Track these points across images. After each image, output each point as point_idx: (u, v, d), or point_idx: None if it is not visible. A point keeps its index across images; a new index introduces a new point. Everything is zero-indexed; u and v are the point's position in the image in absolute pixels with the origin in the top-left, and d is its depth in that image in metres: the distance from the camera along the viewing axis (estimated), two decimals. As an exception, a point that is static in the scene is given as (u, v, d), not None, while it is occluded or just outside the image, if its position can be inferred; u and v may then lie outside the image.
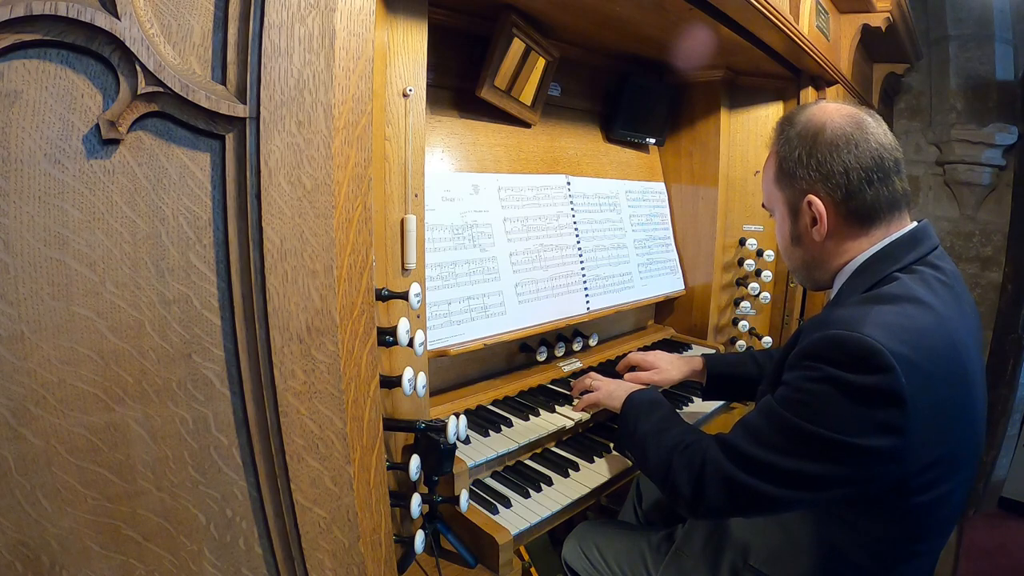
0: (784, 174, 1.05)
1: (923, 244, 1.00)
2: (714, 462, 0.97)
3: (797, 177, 1.02)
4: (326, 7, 0.71)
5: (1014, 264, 3.22)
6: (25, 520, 0.66)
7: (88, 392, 0.67)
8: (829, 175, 0.98)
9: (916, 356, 0.83)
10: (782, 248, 1.14)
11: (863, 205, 0.98)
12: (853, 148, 0.97)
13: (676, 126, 2.19)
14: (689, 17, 1.45)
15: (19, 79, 0.60)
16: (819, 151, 0.99)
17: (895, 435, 0.83)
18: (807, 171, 1.00)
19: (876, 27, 2.23)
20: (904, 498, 0.89)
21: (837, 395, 0.85)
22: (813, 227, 1.02)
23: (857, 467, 0.86)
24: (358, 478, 0.82)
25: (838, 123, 0.99)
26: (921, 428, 0.83)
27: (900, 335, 0.84)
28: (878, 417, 0.83)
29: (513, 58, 1.50)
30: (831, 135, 0.99)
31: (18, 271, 0.62)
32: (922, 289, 0.92)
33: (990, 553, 2.61)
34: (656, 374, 1.59)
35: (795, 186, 1.03)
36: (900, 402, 0.82)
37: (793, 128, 1.04)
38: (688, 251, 2.21)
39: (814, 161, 0.99)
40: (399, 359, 1.10)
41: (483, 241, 1.52)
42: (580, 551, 1.48)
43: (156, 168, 0.68)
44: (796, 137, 1.03)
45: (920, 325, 0.87)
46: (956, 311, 0.93)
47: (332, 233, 0.74)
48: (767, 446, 0.92)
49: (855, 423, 0.84)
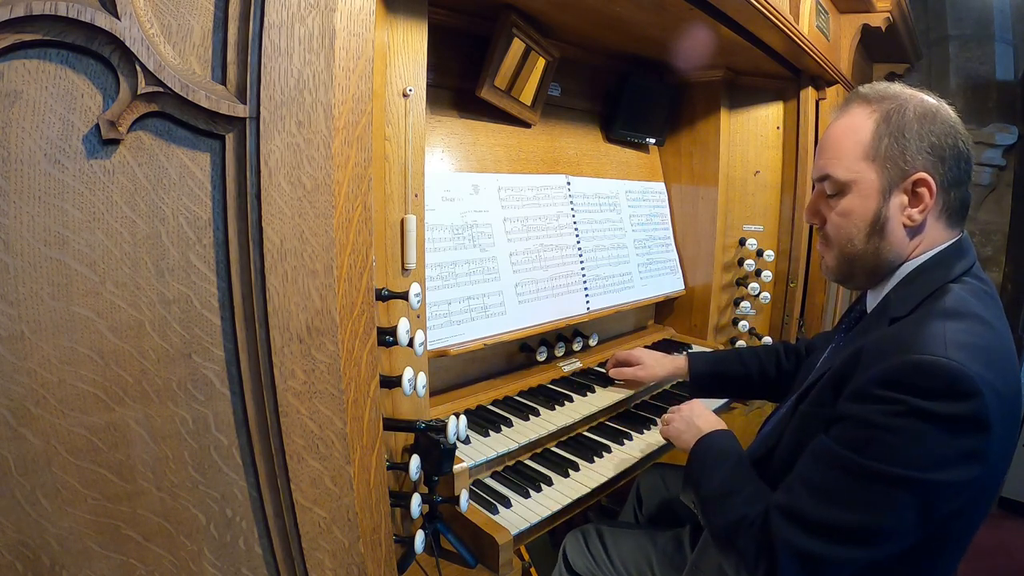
0: (891, 144, 0.92)
1: (968, 255, 0.96)
2: (780, 535, 0.86)
3: (909, 151, 0.91)
4: (326, 7, 0.71)
5: (1014, 264, 3.22)
6: (25, 520, 0.66)
7: (88, 392, 0.67)
8: (945, 157, 0.91)
9: (993, 378, 0.78)
10: (849, 229, 0.98)
11: (960, 198, 0.93)
12: (961, 138, 0.92)
13: (676, 126, 2.19)
14: (689, 17, 1.45)
15: (19, 79, 0.60)
16: (937, 129, 0.91)
17: (979, 463, 0.78)
18: (923, 145, 0.91)
19: (876, 27, 2.23)
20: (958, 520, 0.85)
21: (925, 428, 0.77)
22: (912, 210, 0.93)
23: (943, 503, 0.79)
24: (358, 478, 0.82)
25: (947, 108, 0.93)
26: (996, 450, 0.80)
27: (978, 356, 0.79)
28: (966, 446, 0.77)
29: (513, 58, 1.50)
30: (945, 118, 0.92)
31: (18, 271, 0.62)
32: (978, 304, 0.88)
33: (990, 553, 2.61)
34: (641, 370, 1.61)
35: (904, 159, 0.92)
36: (986, 427, 0.77)
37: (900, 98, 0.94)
38: (688, 251, 2.21)
39: (933, 138, 0.90)
40: (399, 359, 1.10)
41: (483, 241, 1.52)
42: (583, 547, 1.48)
43: (156, 168, 0.68)
44: (911, 108, 0.92)
45: (989, 344, 0.83)
46: (1003, 324, 0.90)
47: (332, 233, 0.74)
48: (842, 504, 0.82)
49: (945, 457, 0.77)
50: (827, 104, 2.09)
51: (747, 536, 0.92)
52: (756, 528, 0.91)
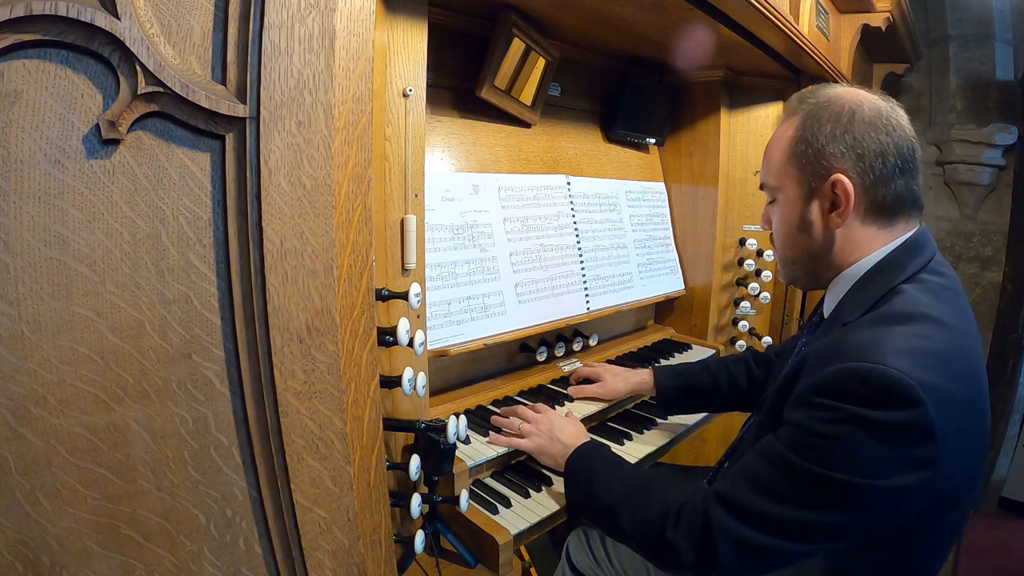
0: (805, 150, 0.94)
1: (925, 250, 0.94)
2: (719, 523, 0.87)
3: (825, 154, 0.92)
4: (326, 7, 0.71)
5: (1014, 264, 3.22)
6: (25, 520, 0.66)
7: (88, 392, 0.67)
8: (863, 155, 0.89)
9: (942, 383, 0.77)
10: (782, 235, 1.02)
11: (890, 195, 0.91)
12: (891, 130, 0.90)
13: (676, 126, 2.19)
14: (689, 17, 1.45)
15: (19, 79, 0.60)
16: (856, 127, 0.90)
17: (927, 469, 0.77)
18: (838, 147, 0.90)
19: (876, 27, 2.23)
20: (925, 523, 0.84)
21: (863, 436, 0.76)
22: (832, 212, 0.93)
23: (890, 508, 0.79)
24: (358, 478, 0.82)
25: (875, 103, 0.92)
26: (950, 456, 0.77)
27: (924, 361, 0.77)
28: (910, 454, 0.76)
29: (513, 58, 1.50)
30: (870, 113, 0.91)
31: (18, 271, 0.62)
32: (932, 302, 0.86)
33: (990, 553, 2.61)
34: (600, 387, 1.53)
35: (820, 163, 0.92)
36: (931, 436, 0.75)
37: (819, 101, 0.95)
38: (688, 251, 2.20)
39: (849, 137, 0.90)
40: (399, 359, 1.10)
41: (483, 241, 1.52)
42: (585, 546, 1.48)
43: (156, 168, 0.68)
44: (825, 111, 0.93)
45: (940, 347, 0.80)
46: (964, 321, 0.88)
47: (332, 233, 0.74)
48: (780, 499, 0.83)
49: (885, 465, 0.76)
50: (827, 104, 2.08)
51: (677, 527, 0.92)
52: (686, 514, 0.92)
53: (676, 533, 0.92)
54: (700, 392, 1.48)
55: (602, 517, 1.06)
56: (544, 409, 1.35)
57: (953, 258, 3.44)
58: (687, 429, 1.58)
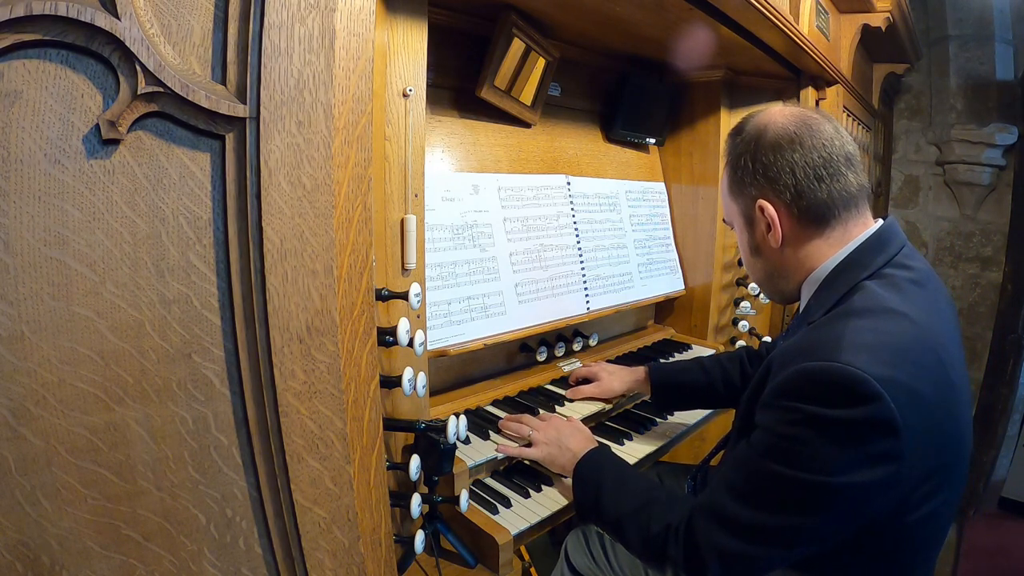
0: (734, 183, 1.03)
1: (891, 245, 0.95)
2: (704, 536, 0.89)
3: (746, 184, 0.99)
4: (326, 7, 0.71)
5: (1014, 264, 3.21)
6: (25, 520, 0.66)
7: (88, 392, 0.67)
8: (776, 177, 0.95)
9: (901, 376, 0.77)
10: (745, 262, 1.10)
11: (815, 203, 0.94)
12: (797, 146, 0.94)
13: (676, 126, 2.19)
14: (689, 17, 1.45)
15: (19, 79, 0.60)
16: (763, 154, 0.96)
17: (891, 463, 0.77)
18: (754, 176, 0.98)
19: (876, 27, 2.24)
20: (900, 517, 0.84)
21: (821, 436, 0.78)
22: (768, 234, 0.99)
23: (857, 505, 0.80)
24: (358, 478, 0.82)
25: (780, 123, 0.97)
26: (915, 448, 0.78)
27: (881, 355, 0.78)
28: (871, 450, 0.77)
29: (513, 58, 1.50)
30: (773, 136, 0.96)
31: (18, 271, 0.62)
32: (894, 296, 0.87)
33: (990, 553, 2.61)
34: (596, 387, 1.54)
35: (745, 193, 1.00)
36: (892, 430, 0.75)
37: (739, 136, 1.02)
38: (688, 251, 2.20)
39: (759, 165, 0.97)
40: (399, 359, 1.10)
41: (483, 241, 1.52)
42: (584, 546, 1.48)
43: (156, 168, 0.68)
44: (741, 143, 1.01)
45: (899, 340, 0.81)
46: (932, 313, 0.88)
47: (332, 233, 0.74)
48: (755, 505, 0.84)
49: (847, 462, 0.77)
50: (827, 104, 2.09)
51: (676, 542, 0.94)
52: (682, 532, 0.93)
53: (675, 549, 0.94)
54: (694, 390, 1.50)
55: (608, 526, 1.10)
56: (549, 417, 1.36)
57: (953, 258, 3.44)
58: (687, 429, 1.58)
